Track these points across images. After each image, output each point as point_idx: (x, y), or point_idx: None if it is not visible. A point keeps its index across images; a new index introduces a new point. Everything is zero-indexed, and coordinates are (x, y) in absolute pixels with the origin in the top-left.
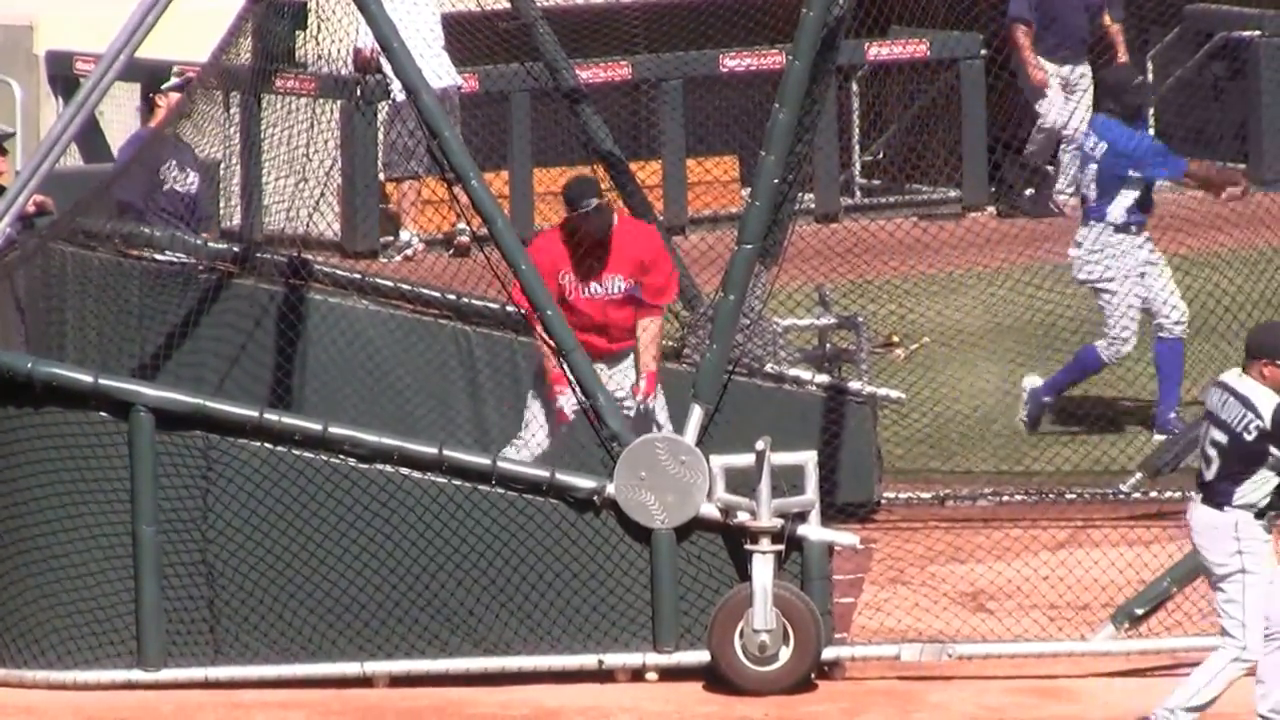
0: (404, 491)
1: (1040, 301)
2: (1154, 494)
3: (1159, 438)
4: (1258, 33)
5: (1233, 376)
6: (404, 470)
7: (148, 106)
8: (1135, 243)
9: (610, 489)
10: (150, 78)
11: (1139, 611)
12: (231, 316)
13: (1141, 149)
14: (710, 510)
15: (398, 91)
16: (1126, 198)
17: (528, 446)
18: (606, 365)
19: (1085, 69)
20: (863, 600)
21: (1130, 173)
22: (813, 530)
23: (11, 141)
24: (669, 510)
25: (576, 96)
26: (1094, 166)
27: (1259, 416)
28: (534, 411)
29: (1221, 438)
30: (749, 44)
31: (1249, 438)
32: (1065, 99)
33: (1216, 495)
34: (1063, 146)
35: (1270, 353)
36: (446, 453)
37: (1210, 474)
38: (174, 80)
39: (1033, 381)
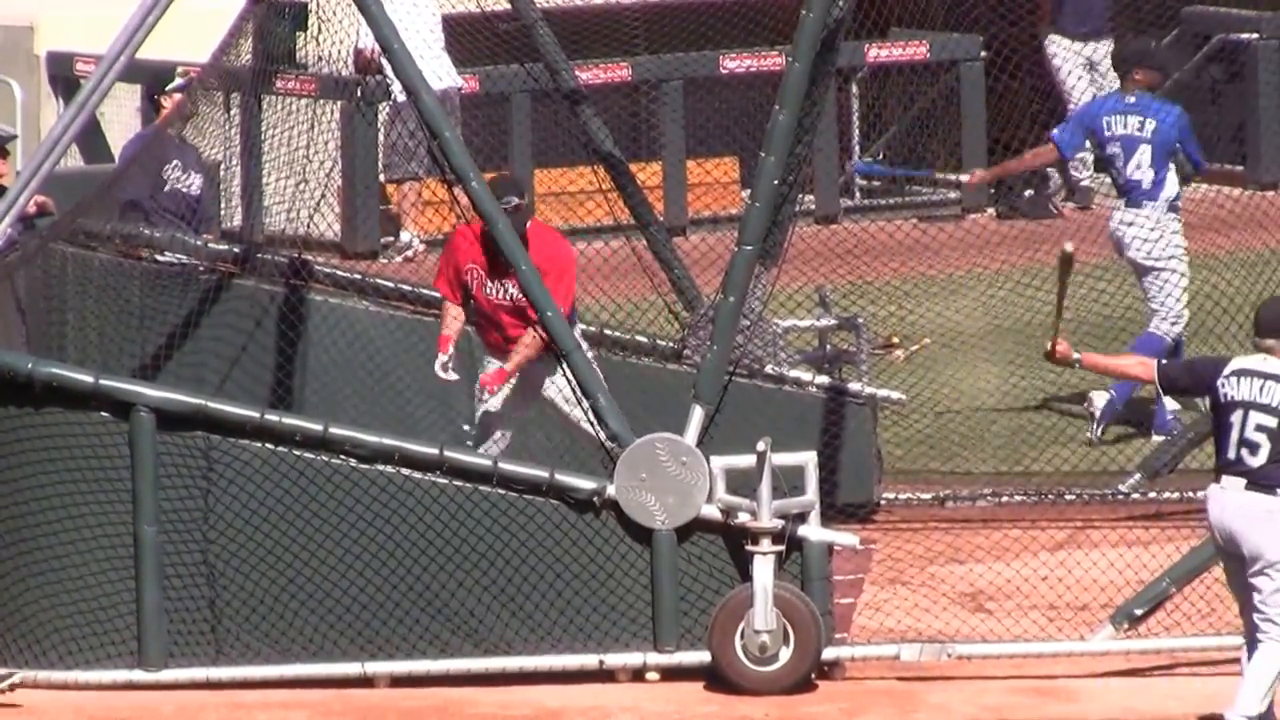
0: (405, 492)
1: (1040, 303)
2: (1153, 495)
3: (1157, 438)
4: (1255, 35)
5: (1257, 361)
6: (405, 471)
7: (153, 107)
8: (1178, 224)
9: (611, 490)
10: (151, 78)
11: (1138, 612)
12: (232, 317)
13: (1183, 121)
14: (711, 511)
15: (398, 92)
16: (1173, 173)
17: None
18: (500, 363)
19: (1109, 45)
20: (862, 600)
21: (1176, 144)
22: (813, 531)
23: (12, 143)
24: (670, 511)
25: (576, 98)
26: (1146, 146)
27: None
28: (489, 416)
29: (1270, 421)
30: (749, 45)
31: None
32: (1091, 79)
33: (1267, 479)
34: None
35: None
36: (447, 453)
37: (1258, 459)
38: (178, 81)
39: (1101, 398)
